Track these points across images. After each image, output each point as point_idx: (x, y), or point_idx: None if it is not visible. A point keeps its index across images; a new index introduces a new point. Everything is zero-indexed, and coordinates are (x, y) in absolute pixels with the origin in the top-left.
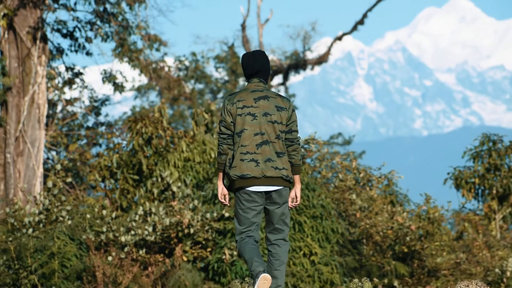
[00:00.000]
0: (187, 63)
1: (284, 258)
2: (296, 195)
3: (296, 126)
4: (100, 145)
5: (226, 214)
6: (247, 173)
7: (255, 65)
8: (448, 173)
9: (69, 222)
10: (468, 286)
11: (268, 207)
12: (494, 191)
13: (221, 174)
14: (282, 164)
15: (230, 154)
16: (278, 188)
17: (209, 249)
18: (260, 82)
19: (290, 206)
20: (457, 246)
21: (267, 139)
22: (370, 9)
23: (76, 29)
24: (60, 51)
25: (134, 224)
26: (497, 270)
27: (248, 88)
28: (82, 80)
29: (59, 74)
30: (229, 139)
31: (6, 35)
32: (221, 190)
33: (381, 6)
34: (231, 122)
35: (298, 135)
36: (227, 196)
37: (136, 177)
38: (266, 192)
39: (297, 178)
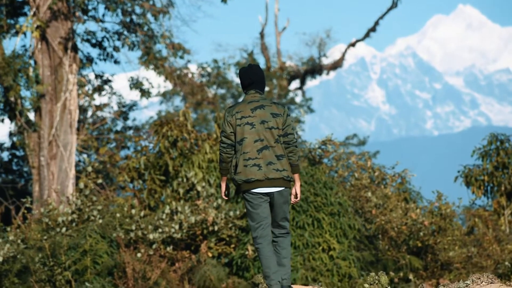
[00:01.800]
0: (209, 69)
1: (288, 248)
2: (296, 192)
3: (292, 129)
4: (128, 148)
5: None
6: (251, 177)
7: (252, 76)
8: (458, 171)
9: (100, 221)
10: (479, 278)
11: (271, 206)
12: (503, 188)
13: (224, 177)
14: (282, 166)
15: (234, 161)
16: (280, 189)
17: (232, 245)
18: (257, 93)
19: (292, 202)
20: (468, 241)
21: (267, 144)
22: (381, 17)
23: (105, 39)
24: (89, 60)
25: (161, 222)
26: (506, 263)
27: (245, 100)
28: (110, 87)
29: (89, 81)
30: (228, 148)
31: (39, 46)
32: (224, 188)
33: (392, 15)
34: (231, 132)
35: (293, 138)
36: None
37: (162, 177)
38: (269, 193)
39: (296, 176)
